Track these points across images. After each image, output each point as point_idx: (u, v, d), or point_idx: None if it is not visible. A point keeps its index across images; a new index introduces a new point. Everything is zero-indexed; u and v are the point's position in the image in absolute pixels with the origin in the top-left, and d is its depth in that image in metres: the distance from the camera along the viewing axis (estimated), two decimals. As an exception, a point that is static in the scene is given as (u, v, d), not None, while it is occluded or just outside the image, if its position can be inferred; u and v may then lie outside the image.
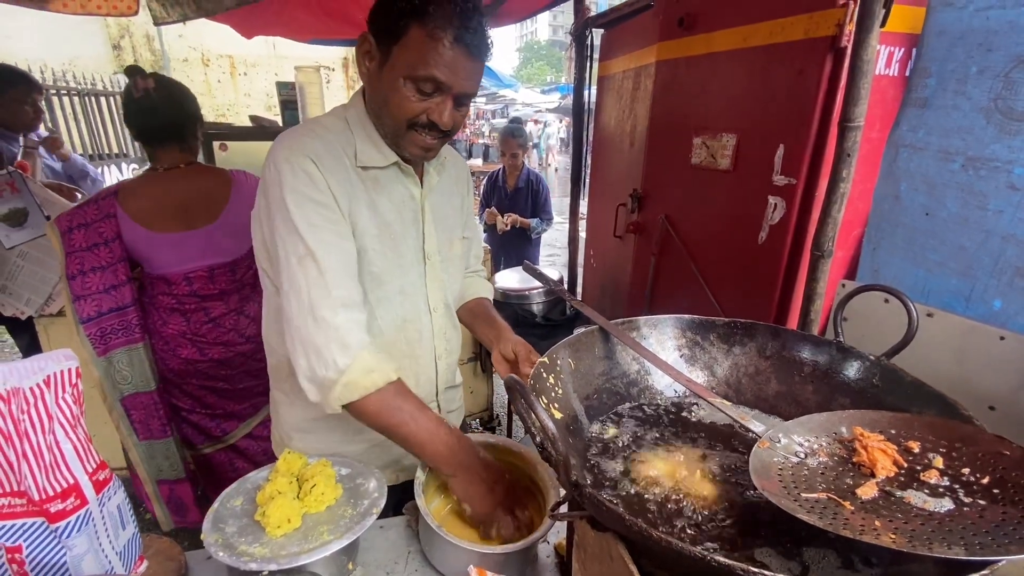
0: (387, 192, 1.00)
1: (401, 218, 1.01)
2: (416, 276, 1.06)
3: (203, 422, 1.76)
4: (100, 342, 1.58)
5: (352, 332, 0.87)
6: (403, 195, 1.02)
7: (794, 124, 1.42)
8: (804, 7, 1.36)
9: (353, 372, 0.85)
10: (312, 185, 0.89)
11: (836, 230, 1.30)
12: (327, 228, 0.89)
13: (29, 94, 2.42)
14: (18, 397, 0.65)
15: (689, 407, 0.86)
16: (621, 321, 0.90)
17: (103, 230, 1.53)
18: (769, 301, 1.55)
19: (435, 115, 0.90)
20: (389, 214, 0.99)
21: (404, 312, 1.05)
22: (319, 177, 0.89)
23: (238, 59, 8.07)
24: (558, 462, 0.52)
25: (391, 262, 1.00)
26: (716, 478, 0.71)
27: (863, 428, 0.66)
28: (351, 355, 0.86)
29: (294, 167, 0.88)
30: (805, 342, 0.86)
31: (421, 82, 0.87)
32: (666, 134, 1.99)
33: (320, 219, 0.89)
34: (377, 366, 0.88)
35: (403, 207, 1.02)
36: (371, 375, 0.87)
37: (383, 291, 1.01)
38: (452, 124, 0.93)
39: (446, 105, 0.90)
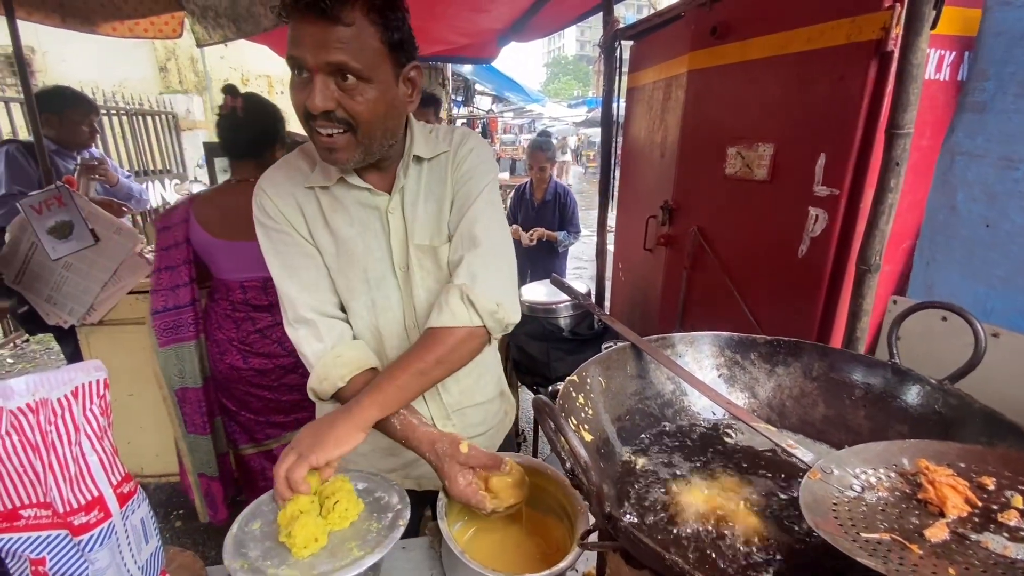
0: (344, 208, 0.97)
1: (365, 230, 0.98)
2: (391, 289, 1.01)
3: (249, 423, 1.87)
4: (162, 335, 1.76)
5: (304, 343, 0.97)
6: (363, 208, 0.97)
7: (836, 132, 1.35)
8: (846, 11, 1.31)
9: (311, 381, 0.96)
10: (267, 216, 0.97)
11: (884, 243, 1.23)
12: (289, 251, 0.97)
13: (87, 115, 2.54)
14: (46, 408, 0.65)
15: (729, 431, 0.81)
16: (655, 338, 0.86)
17: (177, 233, 1.71)
18: (810, 318, 1.47)
19: (308, 99, 0.79)
20: (347, 229, 0.97)
21: (380, 326, 1.03)
22: (271, 206, 0.97)
23: (275, 78, 8.38)
24: (590, 492, 0.48)
25: (353, 278, 0.99)
26: (761, 511, 0.65)
27: (928, 461, 0.59)
28: (309, 364, 0.97)
29: (256, 202, 0.98)
30: (856, 363, 0.80)
31: (293, 69, 0.80)
32: (698, 145, 1.94)
33: (281, 244, 0.97)
34: (328, 373, 0.94)
35: (366, 219, 0.98)
36: (324, 383, 0.94)
37: (351, 307, 1.02)
38: (333, 106, 0.79)
39: (313, 84, 0.78)
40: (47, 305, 2.06)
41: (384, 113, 0.85)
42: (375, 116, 0.84)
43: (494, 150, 12.17)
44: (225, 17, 2.83)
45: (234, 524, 0.78)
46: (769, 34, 1.55)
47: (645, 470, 0.73)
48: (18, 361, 4.21)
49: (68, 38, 2.78)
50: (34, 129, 2.11)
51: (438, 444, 0.89)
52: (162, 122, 6.48)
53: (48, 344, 4.41)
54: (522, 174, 8.69)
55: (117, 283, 2.09)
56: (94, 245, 2.01)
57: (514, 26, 3.42)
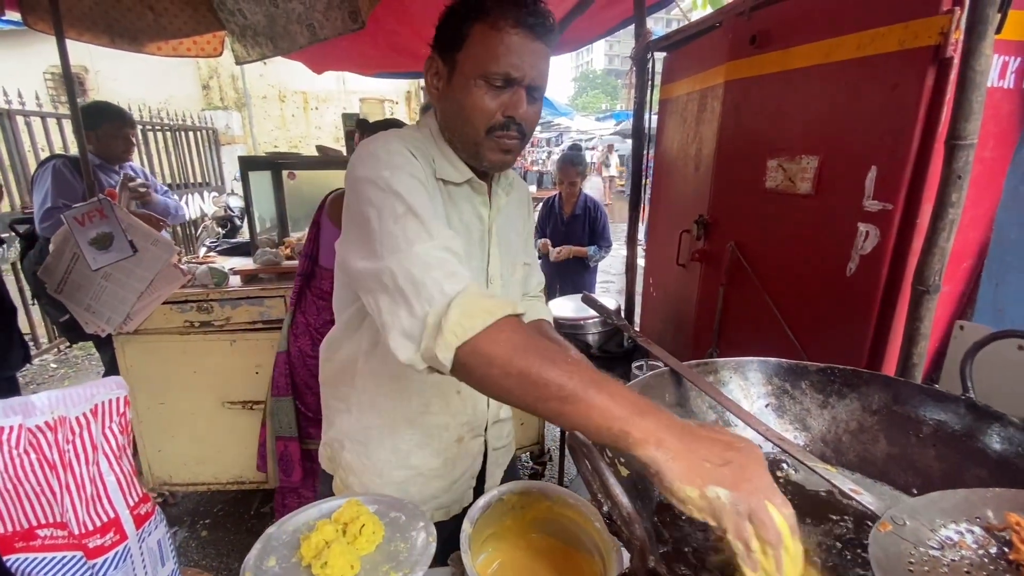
0: (458, 209, 0.97)
1: (468, 237, 0.98)
2: None
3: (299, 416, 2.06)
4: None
5: (459, 263, 0.75)
6: (472, 215, 0.99)
7: (889, 144, 1.27)
8: (899, 16, 1.23)
9: (469, 294, 0.67)
10: (412, 163, 0.85)
11: (944, 262, 1.14)
12: (426, 197, 0.82)
13: (122, 128, 2.64)
14: (64, 426, 0.64)
15: (780, 467, 0.74)
16: (696, 363, 0.80)
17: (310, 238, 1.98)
18: (860, 341, 1.37)
19: (512, 109, 0.86)
20: (459, 233, 0.96)
21: None
22: (416, 163, 0.86)
23: (310, 95, 8.63)
24: (633, 546, 0.43)
25: None
26: (818, 565, 0.58)
27: (1019, 515, 0.52)
28: (462, 281, 0.70)
29: (391, 151, 0.85)
30: (924, 396, 0.73)
31: (492, 77, 0.85)
32: (736, 157, 1.87)
33: (421, 188, 0.83)
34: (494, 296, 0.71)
35: (471, 227, 0.99)
36: (490, 300, 0.68)
37: None
38: (528, 118, 0.89)
39: (520, 96, 0.87)
40: (86, 314, 2.12)
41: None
42: (535, 127, 0.94)
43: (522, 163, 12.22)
44: (263, 36, 2.91)
45: (247, 563, 0.74)
46: (813, 42, 1.48)
47: (687, 510, 0.67)
48: (61, 366, 4.37)
49: (119, 58, 2.92)
50: (79, 144, 2.20)
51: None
52: (202, 137, 6.74)
53: (90, 351, 4.57)
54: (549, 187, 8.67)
55: (152, 293, 2.13)
56: (132, 256, 2.06)
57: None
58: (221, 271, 2.27)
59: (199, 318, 2.20)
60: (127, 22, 2.77)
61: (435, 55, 0.92)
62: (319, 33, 2.71)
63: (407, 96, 8.62)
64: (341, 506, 0.82)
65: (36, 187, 2.47)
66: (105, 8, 2.66)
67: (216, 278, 2.25)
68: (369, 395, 1.04)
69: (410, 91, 8.54)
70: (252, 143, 8.30)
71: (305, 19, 2.74)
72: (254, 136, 8.38)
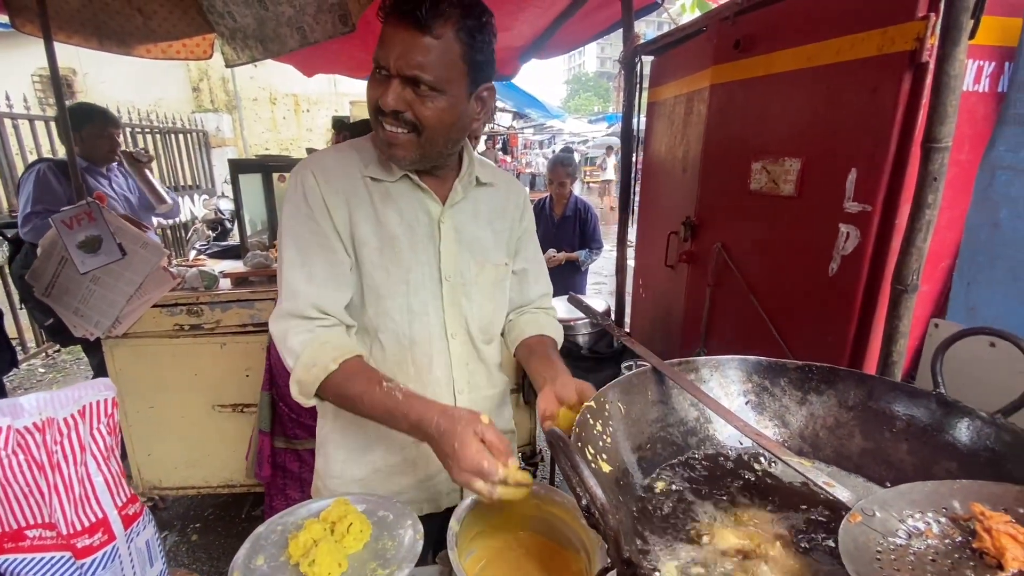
0: (397, 206, 0.98)
1: (412, 233, 0.98)
2: (429, 296, 1.01)
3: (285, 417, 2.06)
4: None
5: (293, 335, 0.90)
6: (416, 210, 0.99)
7: (868, 147, 1.30)
8: (877, 22, 1.26)
9: (298, 371, 0.89)
10: (304, 199, 0.93)
11: (922, 262, 1.17)
12: (311, 239, 0.93)
13: (105, 128, 2.62)
14: (52, 427, 0.65)
15: (758, 462, 0.76)
16: (678, 361, 0.82)
17: None
18: (842, 340, 1.40)
19: (380, 97, 0.85)
20: (396, 228, 0.97)
21: (412, 332, 1.01)
22: (314, 190, 0.93)
23: (301, 97, 8.62)
24: (608, 536, 0.44)
25: (394, 276, 0.97)
26: (793, 555, 0.60)
27: (983, 505, 0.54)
28: (294, 356, 0.90)
29: (295, 181, 0.94)
30: (898, 392, 0.75)
31: (376, 67, 0.86)
32: (722, 159, 1.89)
33: (306, 230, 0.93)
34: (316, 359, 0.88)
35: (416, 222, 0.99)
36: (312, 370, 0.88)
37: (383, 306, 0.98)
38: (401, 106, 0.84)
39: (388, 86, 0.84)
40: (75, 317, 2.10)
41: (449, 124, 0.89)
42: (441, 124, 0.88)
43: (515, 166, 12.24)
44: (253, 38, 2.91)
45: (236, 562, 0.75)
46: (795, 47, 1.51)
47: (667, 503, 0.68)
48: (49, 371, 4.32)
49: (108, 60, 2.90)
50: (67, 147, 2.19)
51: (451, 410, 0.82)
52: (193, 140, 6.70)
53: (78, 355, 4.53)
54: (542, 189, 8.70)
55: (142, 296, 2.12)
56: (121, 259, 2.05)
57: (535, 44, 3.44)
58: (211, 274, 2.27)
59: (189, 321, 2.20)
60: (115, 25, 2.75)
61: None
62: (309, 36, 2.71)
63: (399, 98, 8.63)
64: (329, 505, 0.84)
65: (21, 191, 2.46)
66: (93, 11, 2.65)
67: (206, 281, 2.24)
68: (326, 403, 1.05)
69: (402, 93, 8.56)
70: (243, 145, 8.27)
71: (295, 22, 2.74)
72: (245, 138, 8.35)
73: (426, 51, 0.81)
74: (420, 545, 0.78)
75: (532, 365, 1.07)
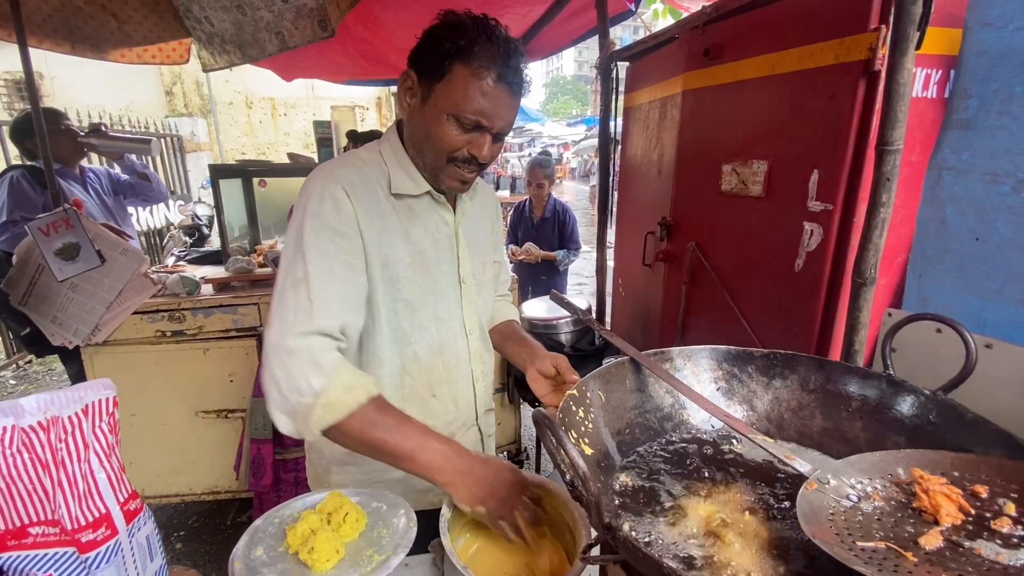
0: (421, 220, 1.03)
1: (436, 244, 1.04)
2: (452, 301, 1.08)
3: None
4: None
5: (325, 352, 0.85)
6: (437, 222, 1.05)
7: (828, 149, 1.39)
8: (834, 33, 1.35)
9: (332, 392, 0.83)
10: (336, 213, 0.90)
11: (878, 256, 1.25)
12: (338, 257, 0.90)
13: (58, 122, 2.52)
14: (56, 426, 0.67)
15: (728, 443, 0.82)
16: (653, 352, 0.88)
17: None
18: (809, 331, 1.48)
19: (476, 149, 0.93)
20: (424, 241, 1.02)
21: (440, 337, 1.07)
22: (347, 206, 0.91)
23: (279, 101, 8.53)
24: (589, 503, 0.49)
25: (425, 288, 1.02)
26: (760, 522, 0.66)
27: (922, 470, 0.60)
28: (327, 375, 0.83)
29: (323, 194, 0.91)
30: (852, 375, 0.81)
31: (464, 119, 0.90)
32: (694, 162, 1.98)
33: (334, 247, 0.89)
34: (356, 382, 0.85)
35: (438, 234, 1.05)
36: (352, 392, 0.84)
37: (417, 317, 1.02)
38: (490, 158, 0.96)
39: (486, 140, 0.94)
40: (52, 326, 2.08)
41: None
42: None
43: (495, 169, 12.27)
44: (231, 43, 2.90)
45: (236, 553, 0.78)
46: (760, 55, 1.59)
47: (645, 482, 0.74)
48: (21, 382, 4.21)
49: (76, 63, 2.85)
50: (43, 153, 2.16)
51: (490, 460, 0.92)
52: (167, 144, 6.59)
53: (51, 365, 4.42)
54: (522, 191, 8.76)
55: (122, 303, 2.11)
56: (100, 266, 2.04)
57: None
58: (192, 280, 2.26)
59: (171, 327, 2.19)
60: (89, 29, 2.72)
61: (412, 73, 0.93)
62: (288, 41, 2.72)
63: (377, 103, 8.60)
64: (325, 498, 0.87)
65: None
66: (66, 15, 2.61)
67: (188, 287, 2.24)
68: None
69: (380, 97, 8.53)
70: (219, 150, 8.15)
71: (274, 27, 2.74)
72: (220, 143, 8.23)
73: (516, 112, 0.96)
74: (414, 532, 0.82)
75: (509, 348, 1.20)
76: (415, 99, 0.95)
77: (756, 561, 0.59)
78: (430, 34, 0.91)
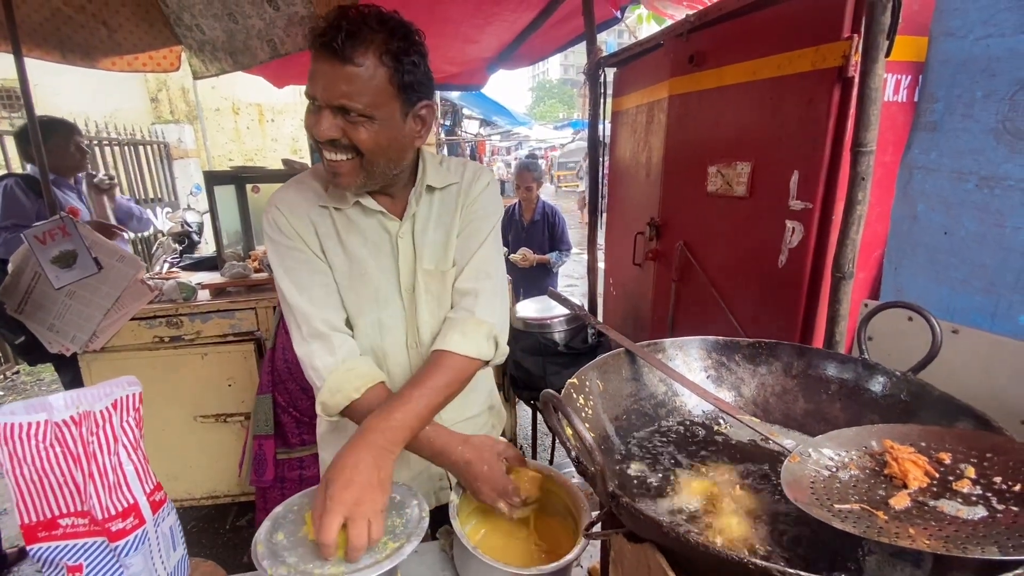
0: (359, 229, 1.03)
1: (378, 252, 1.04)
2: (395, 309, 1.06)
3: (289, 426, 2.02)
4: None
5: (316, 357, 0.97)
6: (377, 230, 1.03)
7: (807, 151, 1.46)
8: (810, 41, 1.43)
9: (323, 395, 0.96)
10: (279, 231, 0.99)
11: (855, 251, 1.32)
12: (299, 268, 0.99)
13: (71, 136, 2.58)
14: (88, 420, 0.70)
15: (718, 426, 0.88)
16: (647, 343, 0.93)
17: None
18: (793, 324, 1.56)
19: (313, 128, 0.88)
20: (361, 250, 1.02)
21: (385, 345, 1.07)
22: (284, 223, 0.99)
23: (266, 107, 8.50)
24: (595, 474, 0.55)
25: (364, 296, 1.04)
26: (748, 494, 0.72)
27: (893, 441, 0.67)
28: (321, 378, 0.97)
29: (268, 219, 1.01)
30: (830, 360, 0.88)
31: (309, 100, 0.89)
32: (681, 164, 2.05)
33: (292, 261, 0.99)
34: (343, 385, 0.95)
35: (380, 242, 1.04)
36: (336, 396, 0.95)
37: (359, 324, 1.06)
38: (338, 136, 0.87)
39: (319, 116, 0.87)
40: (49, 333, 2.08)
41: (387, 146, 0.92)
42: (378, 147, 0.90)
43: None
44: (222, 51, 2.93)
45: (258, 537, 0.82)
46: (742, 62, 1.66)
47: (643, 463, 0.79)
48: (8, 393, 4.16)
49: (61, 70, 2.85)
50: (39, 161, 2.17)
51: (472, 439, 0.98)
52: (154, 152, 6.55)
53: (39, 375, 4.38)
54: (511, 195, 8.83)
55: (120, 310, 2.12)
56: (97, 273, 2.05)
57: (501, 55, 3.57)
58: (189, 286, 2.28)
59: (169, 333, 2.21)
60: (80, 38, 2.73)
61: None
62: (280, 49, 2.75)
63: (365, 107, 8.62)
64: None
65: None
66: (57, 24, 2.62)
67: (184, 293, 2.25)
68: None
69: (368, 102, 8.55)
70: (206, 157, 8.10)
71: (265, 35, 2.77)
72: (208, 149, 8.18)
73: (349, 80, 0.83)
74: (426, 521, 0.86)
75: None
76: None
77: (746, 526, 0.65)
78: None
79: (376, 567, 0.76)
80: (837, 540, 0.63)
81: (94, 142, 5.42)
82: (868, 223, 1.32)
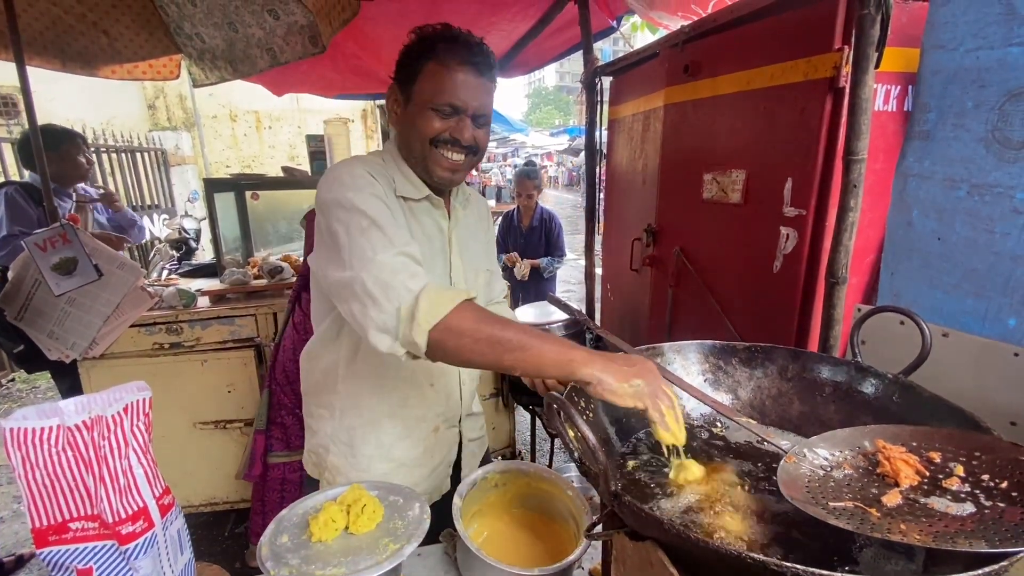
0: (420, 223, 1.09)
1: (431, 248, 1.10)
2: None
3: (293, 427, 2.02)
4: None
5: (417, 265, 0.88)
6: (433, 227, 1.11)
7: (800, 159, 1.49)
8: (802, 52, 1.46)
9: (432, 288, 0.82)
10: (374, 184, 0.97)
11: (849, 257, 1.35)
12: (387, 210, 0.94)
13: (81, 148, 2.61)
14: (100, 424, 0.72)
15: (716, 428, 0.90)
16: (645, 347, 0.95)
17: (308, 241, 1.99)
18: (788, 328, 1.58)
19: (457, 132, 1.01)
20: (421, 243, 1.07)
21: None
22: (376, 184, 0.98)
23: (263, 114, 8.53)
24: (598, 473, 0.56)
25: None
26: (746, 494, 0.74)
27: (885, 441, 0.69)
28: (422, 279, 0.85)
29: (353, 175, 0.97)
30: (824, 363, 0.90)
31: (440, 107, 0.99)
32: (677, 171, 2.08)
33: (381, 204, 0.94)
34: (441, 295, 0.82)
35: (433, 238, 1.11)
36: (450, 290, 0.84)
37: None
38: (473, 141, 1.03)
39: (465, 123, 1.01)
40: (49, 340, 2.09)
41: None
42: (486, 148, 1.10)
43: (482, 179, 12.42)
44: (222, 59, 2.95)
45: (263, 540, 0.83)
46: (736, 72, 1.70)
47: (643, 463, 0.81)
48: (4, 401, 4.14)
49: (57, 77, 2.86)
50: (40, 169, 2.18)
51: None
52: (151, 158, 6.56)
53: (35, 383, 4.36)
54: (507, 201, 8.87)
55: (119, 317, 2.13)
56: (97, 280, 2.06)
57: (499, 64, 3.60)
58: (189, 292, 2.29)
59: (168, 340, 2.21)
60: (80, 46, 2.75)
61: (395, 85, 1.06)
62: (279, 57, 2.78)
63: (363, 114, 8.65)
64: (345, 491, 0.92)
65: None
66: (57, 32, 2.64)
67: (184, 299, 2.26)
68: (352, 398, 1.14)
69: (366, 109, 8.58)
70: (203, 163, 8.11)
71: (265, 44, 2.80)
72: (205, 156, 8.19)
73: (488, 93, 1.03)
74: (427, 523, 0.88)
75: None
76: (399, 106, 1.06)
77: (744, 524, 0.67)
78: (404, 49, 1.04)
79: (376, 568, 0.77)
80: (832, 537, 0.64)
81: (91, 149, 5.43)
82: (860, 229, 1.35)
